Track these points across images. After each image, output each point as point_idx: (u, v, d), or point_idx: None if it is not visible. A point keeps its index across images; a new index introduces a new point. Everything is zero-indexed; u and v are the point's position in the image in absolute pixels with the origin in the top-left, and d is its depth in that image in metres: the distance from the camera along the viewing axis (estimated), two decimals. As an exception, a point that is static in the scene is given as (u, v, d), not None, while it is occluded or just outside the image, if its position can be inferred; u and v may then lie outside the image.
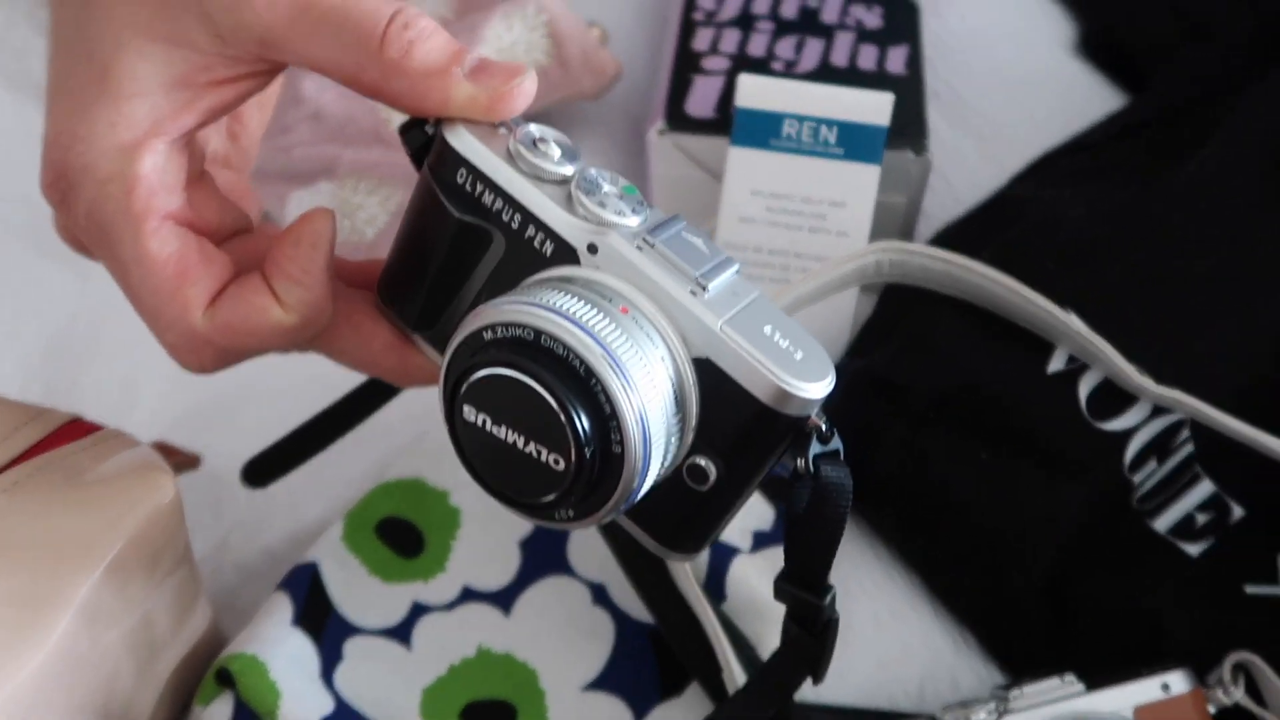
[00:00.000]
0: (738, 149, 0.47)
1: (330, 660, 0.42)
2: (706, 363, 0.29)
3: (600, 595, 0.44)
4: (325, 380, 0.49)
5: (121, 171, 0.31)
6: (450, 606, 0.43)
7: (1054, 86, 0.64)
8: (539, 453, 0.28)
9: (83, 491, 0.33)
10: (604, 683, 0.42)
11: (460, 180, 0.31)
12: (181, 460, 0.44)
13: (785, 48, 0.56)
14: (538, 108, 0.58)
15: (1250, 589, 0.42)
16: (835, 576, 0.46)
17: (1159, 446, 0.43)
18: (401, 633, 0.43)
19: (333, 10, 0.30)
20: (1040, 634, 0.44)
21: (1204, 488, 0.43)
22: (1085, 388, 0.43)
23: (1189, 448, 0.43)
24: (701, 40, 0.56)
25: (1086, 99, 0.62)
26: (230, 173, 0.38)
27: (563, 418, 0.28)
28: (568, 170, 0.30)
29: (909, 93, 0.53)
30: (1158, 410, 0.43)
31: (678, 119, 0.52)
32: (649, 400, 0.29)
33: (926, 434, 0.44)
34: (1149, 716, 0.38)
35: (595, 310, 0.29)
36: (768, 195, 0.47)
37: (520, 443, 0.29)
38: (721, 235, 0.48)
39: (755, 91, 0.47)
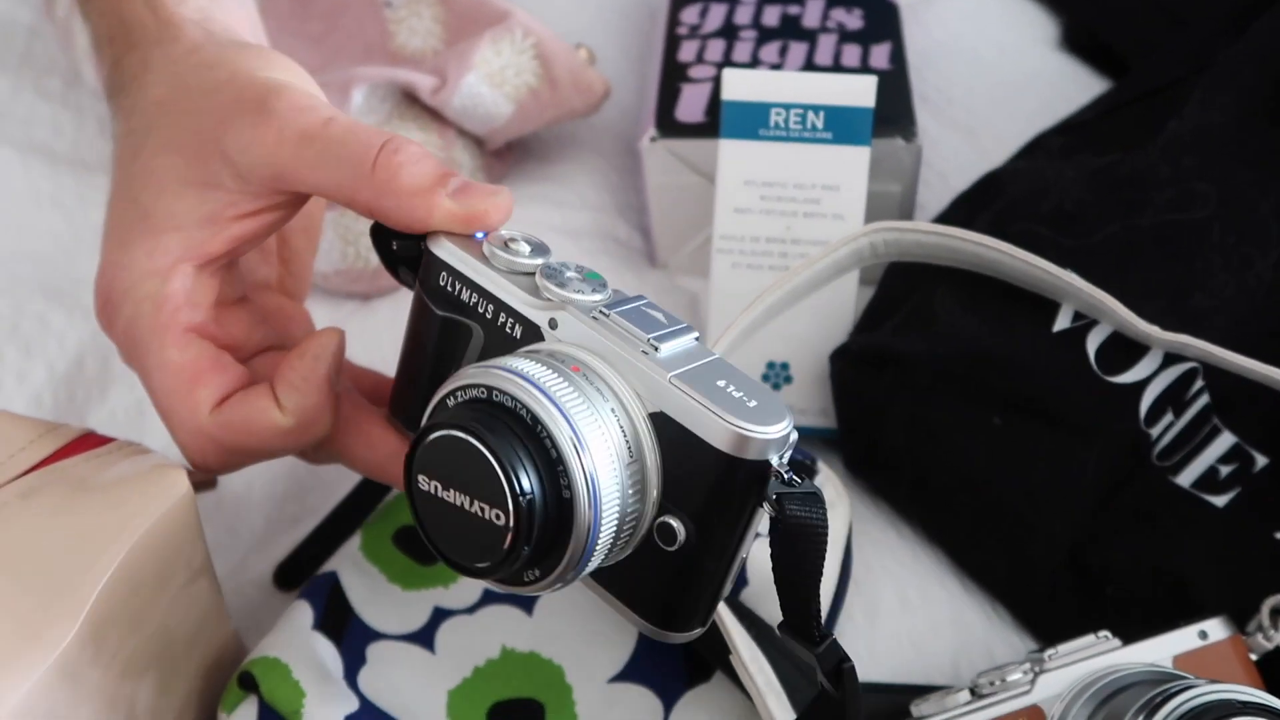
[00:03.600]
0: (728, 141, 0.48)
1: (353, 663, 0.41)
2: (661, 416, 0.31)
3: None
4: None
5: (154, 291, 0.36)
6: (472, 610, 0.43)
7: (1040, 80, 0.65)
8: (483, 510, 0.30)
9: (97, 493, 0.34)
10: (630, 674, 0.41)
11: (442, 283, 0.35)
12: (197, 481, 0.44)
13: (769, 53, 0.57)
14: (531, 128, 0.59)
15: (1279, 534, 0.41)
16: (862, 559, 0.46)
17: (1173, 398, 0.42)
18: (424, 637, 0.42)
19: (332, 140, 0.35)
20: (1070, 601, 0.43)
21: (1224, 439, 0.43)
22: (1093, 343, 0.43)
23: (1204, 398, 0.43)
24: (687, 52, 0.57)
25: (1073, 89, 0.63)
26: (280, 297, 0.43)
27: (498, 469, 0.29)
28: (536, 262, 0.34)
29: (895, 85, 0.54)
30: (1169, 359, 0.42)
31: (668, 125, 0.53)
32: (596, 447, 0.30)
33: (934, 405, 0.44)
34: (1188, 664, 0.38)
35: (545, 368, 0.31)
36: (760, 184, 0.48)
37: (467, 504, 0.30)
38: (718, 227, 0.48)
39: (741, 84, 0.48)
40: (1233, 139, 0.45)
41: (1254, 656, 0.38)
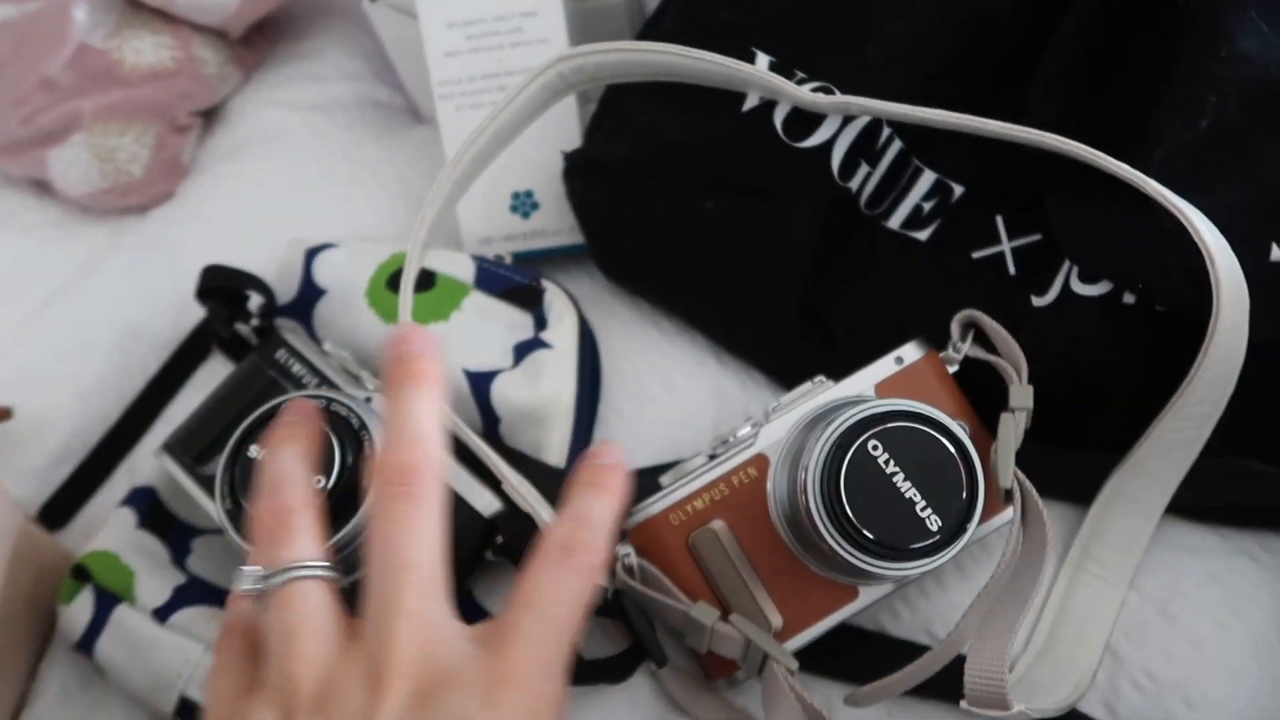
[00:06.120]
0: (423, -12, 0.49)
1: (181, 552, 0.45)
2: None
3: None
4: (136, 334, 0.52)
5: None
6: None
7: None
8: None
9: None
10: None
11: (279, 358, 0.45)
12: (-11, 413, 0.47)
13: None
14: (267, 9, 0.59)
15: (976, 254, 0.45)
16: (626, 356, 0.49)
17: (863, 150, 0.45)
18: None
19: None
20: (813, 353, 0.47)
21: (927, 177, 0.46)
22: (779, 116, 0.45)
23: (897, 144, 0.45)
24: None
25: None
26: None
27: (335, 445, 0.39)
28: (363, 372, 0.45)
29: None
30: (848, 120, 0.45)
31: (383, -18, 0.54)
32: None
33: (650, 200, 0.46)
34: (889, 389, 0.41)
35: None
36: (463, 24, 0.49)
37: None
38: (434, 73, 0.50)
39: (423, -71, 0.48)
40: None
41: (953, 369, 0.42)
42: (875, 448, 0.35)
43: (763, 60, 0.45)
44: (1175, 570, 0.43)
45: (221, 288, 0.48)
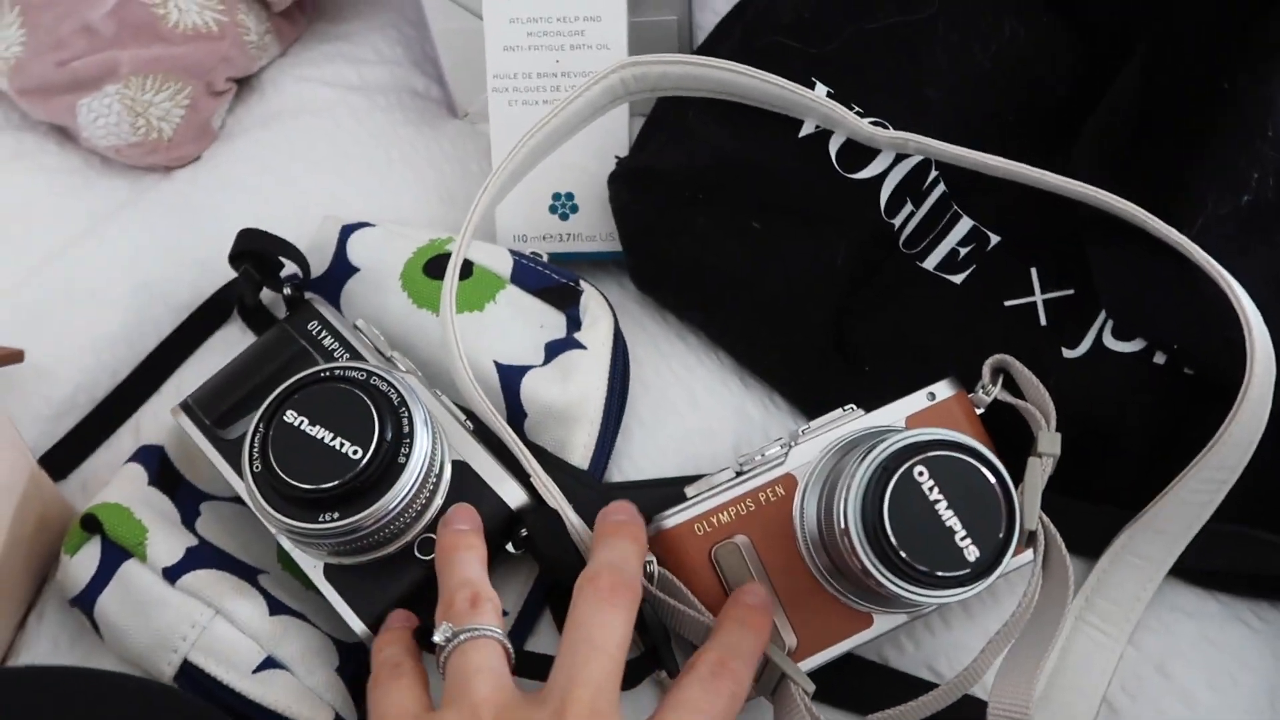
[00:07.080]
0: (490, -20, 0.49)
1: (189, 514, 0.44)
2: (461, 464, 0.41)
3: None
4: (151, 291, 0.51)
5: None
6: None
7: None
8: (342, 445, 0.38)
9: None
10: None
11: (310, 329, 0.45)
12: (4, 355, 0.46)
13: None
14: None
15: (1008, 302, 0.46)
16: (651, 366, 0.50)
17: (910, 189, 0.46)
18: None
19: None
20: (837, 382, 0.47)
21: (964, 224, 0.47)
22: (835, 145, 0.46)
23: (941, 187, 0.47)
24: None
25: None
26: None
27: (374, 415, 0.38)
28: (392, 351, 0.44)
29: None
30: (900, 157, 0.46)
31: (442, -29, 0.54)
32: (425, 442, 0.39)
33: (696, 215, 0.47)
34: (919, 422, 0.42)
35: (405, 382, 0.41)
36: (526, 20, 0.49)
37: (328, 438, 0.38)
38: (491, 67, 0.50)
39: (497, -77, 0.49)
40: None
41: (980, 411, 0.43)
42: (921, 474, 0.36)
43: (820, 90, 0.46)
44: (1173, 630, 0.44)
45: (256, 252, 0.47)
